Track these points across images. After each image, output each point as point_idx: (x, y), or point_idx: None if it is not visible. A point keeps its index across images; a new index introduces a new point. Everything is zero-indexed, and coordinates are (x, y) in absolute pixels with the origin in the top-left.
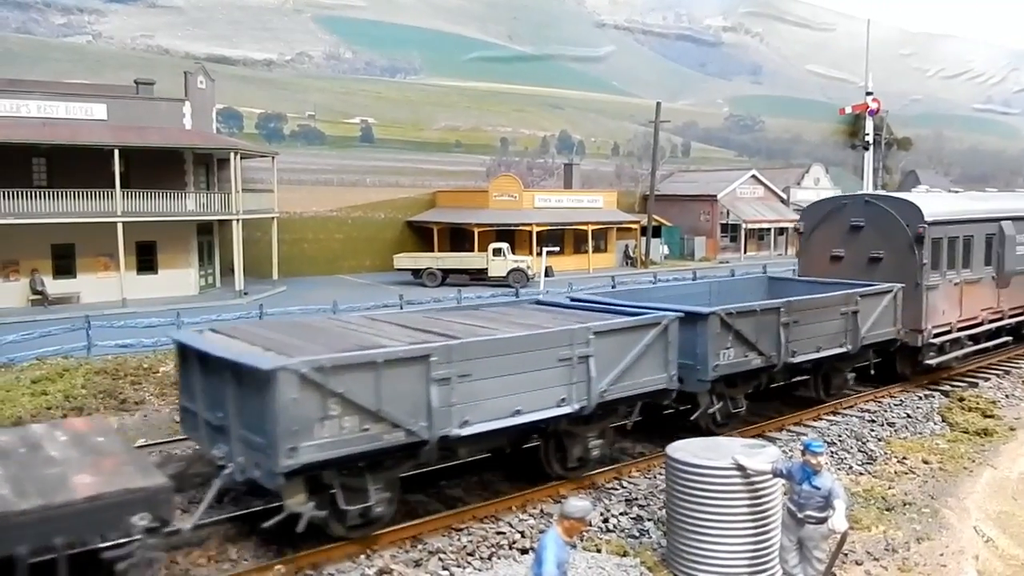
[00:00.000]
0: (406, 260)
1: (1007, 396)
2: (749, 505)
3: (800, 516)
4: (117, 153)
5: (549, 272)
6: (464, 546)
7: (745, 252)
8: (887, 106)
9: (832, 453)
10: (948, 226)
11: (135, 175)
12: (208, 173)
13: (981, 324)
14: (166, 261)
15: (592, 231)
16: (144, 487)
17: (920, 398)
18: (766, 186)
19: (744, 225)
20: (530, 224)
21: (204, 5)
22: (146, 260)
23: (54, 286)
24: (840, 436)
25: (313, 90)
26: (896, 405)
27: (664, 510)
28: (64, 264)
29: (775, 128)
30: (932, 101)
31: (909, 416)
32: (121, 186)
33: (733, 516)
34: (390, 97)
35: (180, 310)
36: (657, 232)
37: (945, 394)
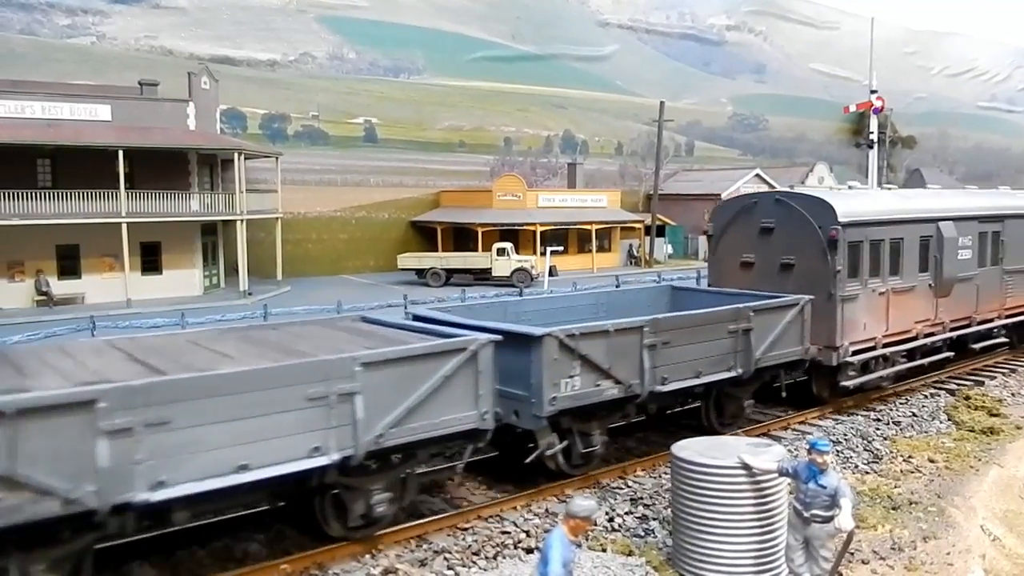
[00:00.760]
0: (410, 260)
1: (1013, 394)
2: (755, 504)
3: (806, 515)
4: (121, 154)
5: (553, 272)
6: (469, 545)
7: None
8: (891, 104)
9: (838, 452)
10: (870, 228)
11: (139, 176)
12: (212, 174)
13: (916, 338)
14: (170, 261)
15: (596, 231)
16: None
17: (926, 397)
18: (770, 185)
19: None
20: (534, 224)
21: (207, 6)
22: (150, 260)
23: (59, 287)
24: (846, 435)
25: (316, 90)
26: (902, 404)
27: (669, 509)
28: (69, 265)
29: (779, 127)
30: (936, 99)
31: (915, 415)
32: (125, 187)
33: (739, 515)
34: (393, 97)
35: (184, 310)
36: (661, 231)
37: (951, 392)
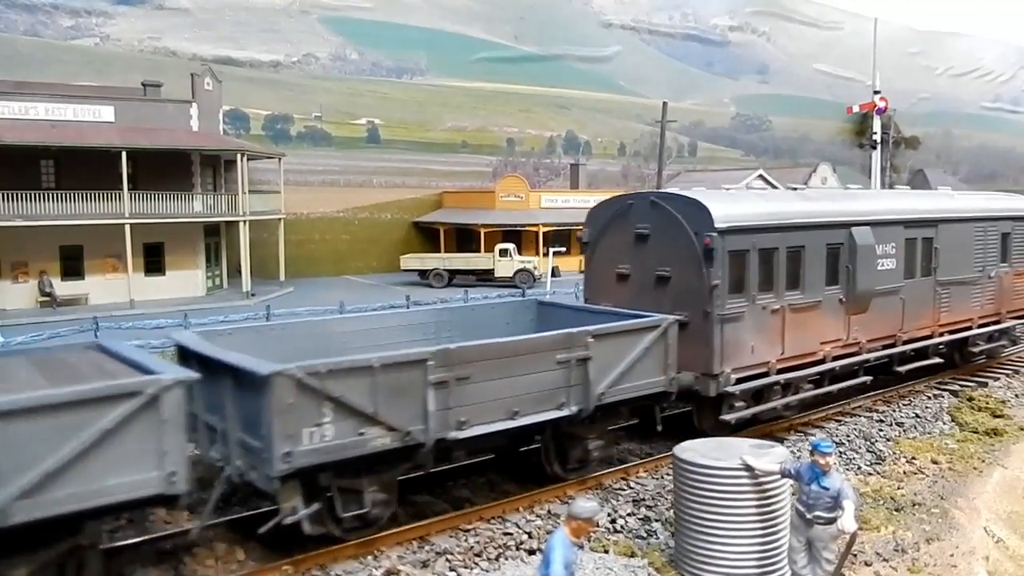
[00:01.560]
0: (413, 261)
1: (1017, 396)
2: (757, 506)
3: (809, 517)
4: (125, 155)
5: (556, 272)
6: (471, 547)
7: None
8: (895, 105)
9: (840, 453)
10: (759, 234)
11: (142, 177)
12: (215, 174)
13: (823, 361)
14: (173, 262)
15: None
16: None
17: (929, 398)
18: (773, 186)
19: None
20: (536, 224)
21: (211, 7)
22: (154, 261)
23: (62, 287)
24: (848, 436)
25: (319, 91)
26: (905, 405)
27: (672, 511)
28: (72, 265)
29: (782, 127)
30: (940, 99)
31: (918, 416)
32: (129, 188)
33: (741, 517)
34: (396, 98)
35: (188, 311)
36: None
37: (954, 394)
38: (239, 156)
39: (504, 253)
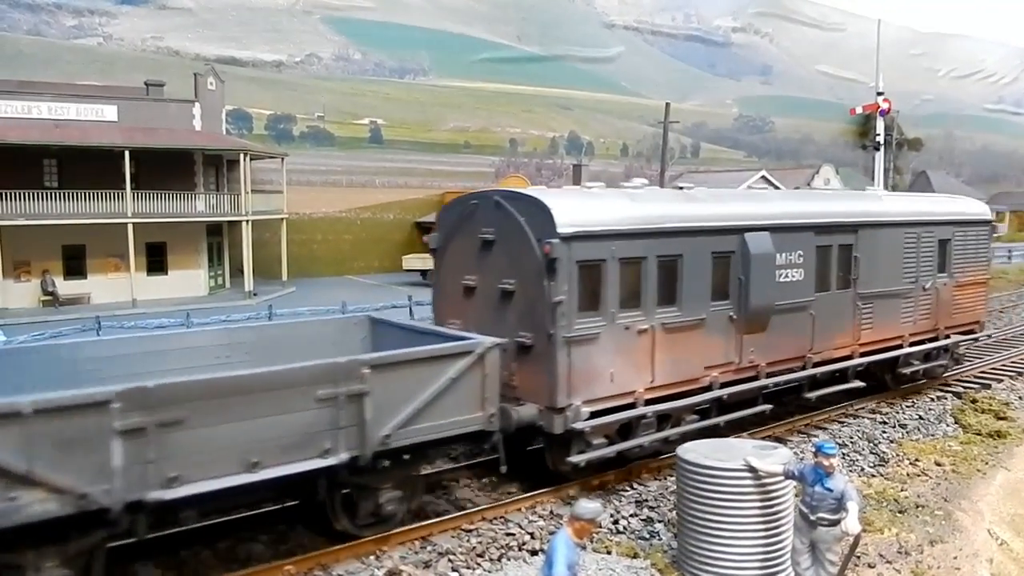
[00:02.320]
0: (415, 261)
1: (1021, 397)
2: (760, 507)
3: (812, 518)
4: (127, 154)
5: None
6: (474, 547)
7: None
8: (898, 106)
9: (844, 455)
10: (617, 241)
11: (145, 176)
12: (218, 174)
13: (709, 388)
14: (176, 262)
15: None
16: None
17: (932, 400)
18: (776, 187)
19: None
20: None
21: (214, 7)
22: (156, 261)
23: (65, 287)
24: (852, 438)
25: (322, 91)
26: (908, 407)
27: (675, 512)
28: (75, 265)
29: (785, 128)
30: (943, 101)
31: (921, 418)
32: (131, 187)
33: (744, 518)
34: (399, 98)
35: (190, 311)
36: None
37: (958, 395)
38: (242, 156)
39: None
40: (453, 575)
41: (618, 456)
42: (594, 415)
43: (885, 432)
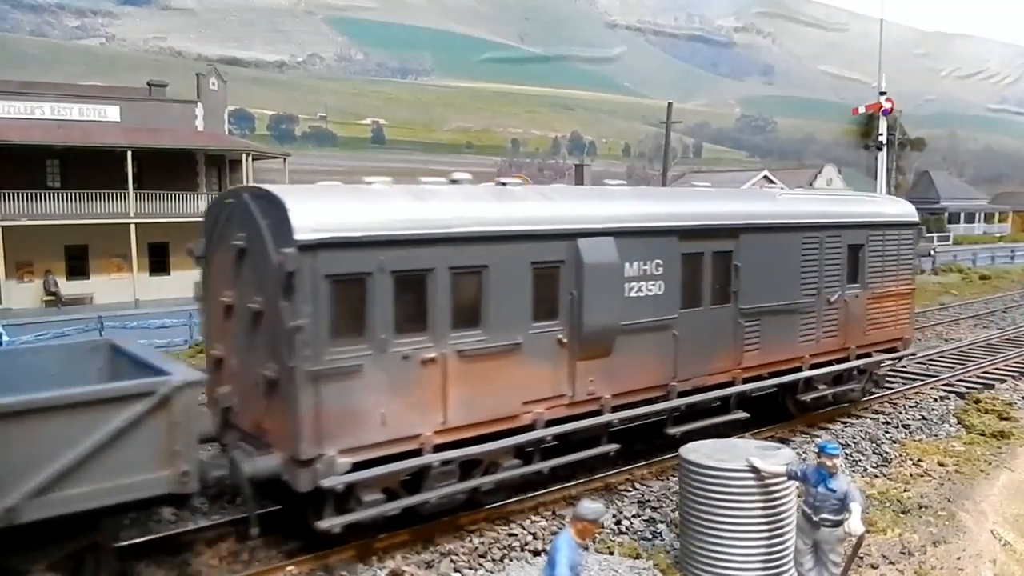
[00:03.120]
0: None
1: None
2: (763, 508)
3: (815, 519)
4: (130, 154)
5: None
6: (476, 548)
7: None
8: (900, 106)
9: (847, 455)
10: (389, 249)
11: (148, 176)
12: (220, 174)
13: (531, 428)
14: (178, 262)
15: None
16: None
17: (935, 400)
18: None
19: None
20: None
21: (216, 7)
22: (158, 261)
23: (67, 287)
24: (855, 438)
25: (324, 91)
26: (911, 407)
27: (677, 512)
28: (77, 265)
29: (787, 128)
30: (946, 101)
31: (924, 418)
32: (134, 187)
33: (747, 519)
34: (401, 98)
35: (192, 311)
36: None
37: (961, 396)
38: (244, 156)
39: None
40: (455, 575)
41: (412, 512)
42: (363, 465)
43: (888, 432)
